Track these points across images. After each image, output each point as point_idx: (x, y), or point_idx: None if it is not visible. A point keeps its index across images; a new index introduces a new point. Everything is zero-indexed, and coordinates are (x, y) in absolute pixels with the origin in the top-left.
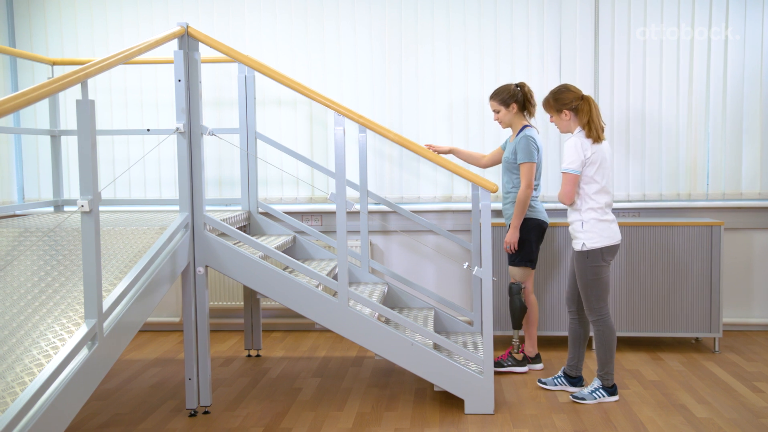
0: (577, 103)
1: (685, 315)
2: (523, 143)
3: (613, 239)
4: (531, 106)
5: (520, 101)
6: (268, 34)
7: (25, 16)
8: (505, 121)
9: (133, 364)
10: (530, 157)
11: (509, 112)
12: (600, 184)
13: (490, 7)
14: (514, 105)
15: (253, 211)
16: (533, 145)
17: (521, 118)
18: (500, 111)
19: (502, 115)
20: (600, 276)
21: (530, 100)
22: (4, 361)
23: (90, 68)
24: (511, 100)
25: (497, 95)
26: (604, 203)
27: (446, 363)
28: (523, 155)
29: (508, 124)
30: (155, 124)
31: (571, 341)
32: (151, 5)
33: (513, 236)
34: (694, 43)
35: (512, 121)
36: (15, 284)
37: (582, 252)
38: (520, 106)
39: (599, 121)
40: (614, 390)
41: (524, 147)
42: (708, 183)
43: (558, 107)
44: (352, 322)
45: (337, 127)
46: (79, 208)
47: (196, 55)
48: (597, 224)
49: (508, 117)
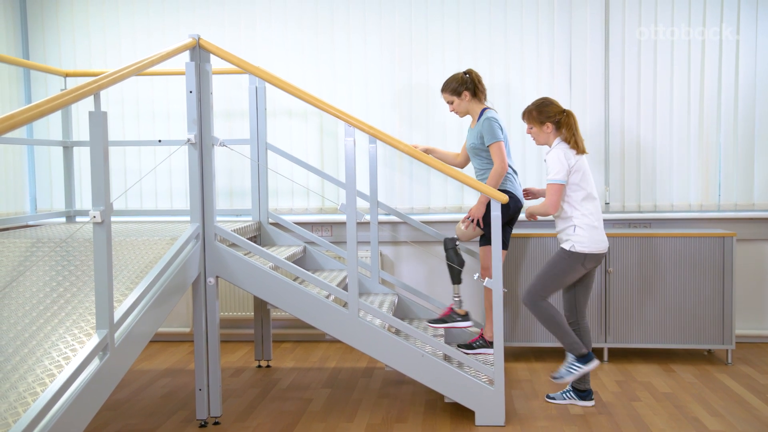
0: (560, 116)
1: (698, 327)
2: (486, 125)
3: (600, 247)
4: (480, 91)
5: (471, 88)
6: (278, 43)
7: (39, 28)
8: (460, 110)
9: (144, 374)
10: (497, 137)
11: (462, 100)
12: (586, 190)
13: (499, 17)
14: (465, 93)
15: (264, 222)
16: (497, 125)
17: (477, 103)
18: (453, 101)
19: (456, 105)
20: (565, 276)
21: (478, 86)
22: (16, 372)
23: (103, 80)
24: (461, 88)
25: (447, 86)
26: (593, 209)
27: (457, 374)
28: (490, 136)
29: (465, 112)
30: (166, 135)
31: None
32: (163, 16)
33: (479, 210)
34: (706, 51)
35: (469, 109)
36: (27, 294)
37: (567, 250)
38: (472, 92)
39: (581, 134)
40: (588, 395)
41: (488, 128)
42: (720, 193)
43: (542, 119)
44: (362, 332)
45: (347, 138)
46: (91, 218)
47: (208, 66)
48: (589, 230)
49: (463, 105)
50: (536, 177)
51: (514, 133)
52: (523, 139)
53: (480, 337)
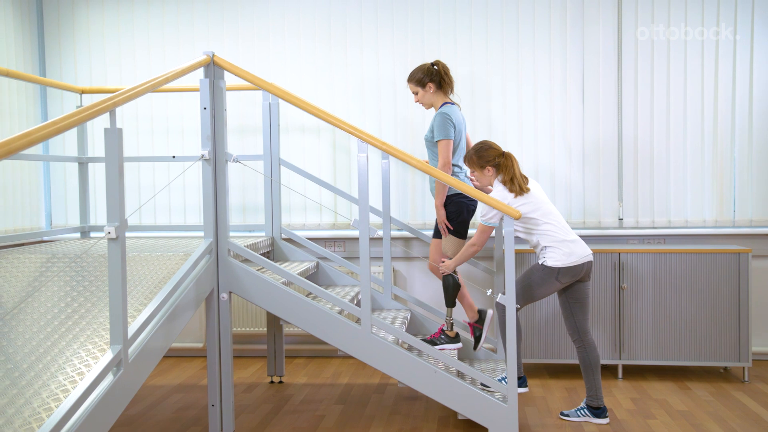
0: (499, 159)
1: (713, 344)
2: (438, 120)
3: (572, 260)
4: (446, 83)
5: (436, 80)
6: (292, 57)
7: (56, 46)
8: (425, 101)
9: (157, 389)
10: (446, 135)
11: (427, 91)
12: (539, 215)
13: (512, 32)
14: (430, 84)
15: (277, 237)
16: (449, 122)
17: (441, 96)
18: (418, 92)
19: (420, 96)
20: (539, 288)
21: (444, 78)
22: (31, 387)
23: (118, 97)
24: (426, 79)
25: (412, 77)
26: (554, 226)
27: (470, 391)
28: (438, 132)
29: (429, 104)
30: (180, 150)
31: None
32: (178, 30)
33: (440, 216)
34: (720, 65)
35: (432, 101)
36: (42, 309)
37: (541, 265)
38: (437, 84)
39: (521, 174)
40: (602, 413)
41: (439, 124)
42: (735, 209)
43: (481, 164)
44: (374, 348)
45: (360, 153)
46: (106, 234)
47: (222, 83)
48: (559, 244)
49: (427, 97)
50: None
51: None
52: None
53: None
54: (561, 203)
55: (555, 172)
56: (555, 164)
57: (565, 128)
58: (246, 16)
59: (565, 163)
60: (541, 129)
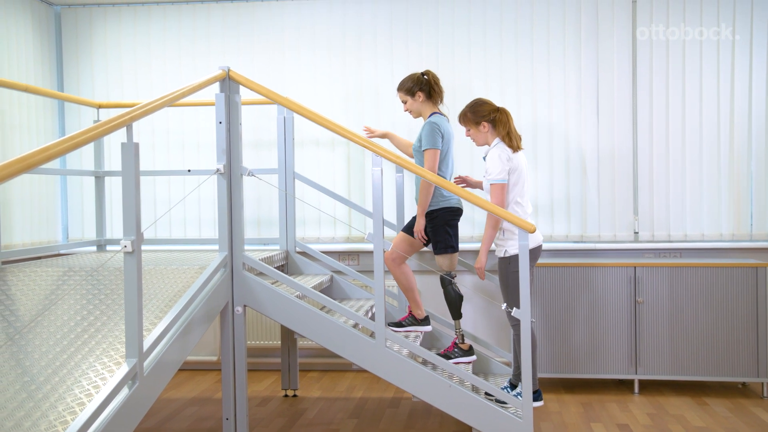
0: (494, 114)
1: (731, 359)
2: (427, 129)
3: (533, 243)
4: (436, 93)
5: (426, 89)
6: (306, 71)
7: (74, 61)
8: (414, 110)
9: (172, 403)
10: (433, 144)
11: (416, 100)
12: (519, 190)
13: (526, 45)
14: (419, 93)
15: (291, 251)
16: (437, 132)
17: (430, 105)
18: (407, 101)
19: (409, 104)
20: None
21: (434, 87)
22: (47, 400)
23: (135, 112)
24: (416, 88)
25: (402, 86)
26: (522, 211)
27: (484, 405)
28: (426, 141)
29: (418, 114)
30: (196, 164)
31: (516, 353)
32: (194, 44)
33: (419, 225)
34: (735, 78)
35: (421, 110)
36: (58, 323)
37: (504, 258)
38: (427, 93)
39: (516, 131)
40: (538, 395)
41: (427, 133)
42: (752, 223)
43: (476, 119)
44: (389, 362)
45: (374, 167)
46: (122, 248)
47: (237, 97)
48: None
49: (416, 106)
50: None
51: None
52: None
53: (409, 314)
54: (576, 216)
55: (570, 185)
56: (570, 177)
57: (579, 141)
58: (261, 29)
59: (580, 175)
60: (555, 142)
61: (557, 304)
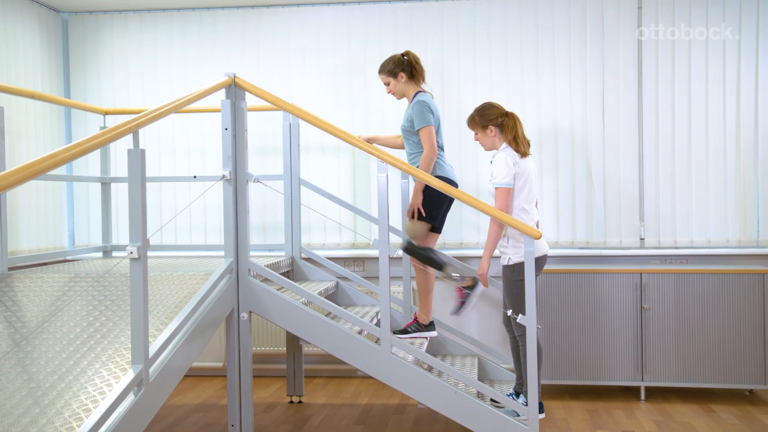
0: (502, 119)
1: (738, 366)
2: (417, 109)
3: (538, 252)
4: (418, 72)
5: (408, 69)
6: (311, 76)
7: (80, 67)
8: (397, 91)
9: (177, 409)
10: (426, 121)
11: (399, 81)
12: (525, 196)
13: (531, 50)
14: (402, 74)
15: (297, 257)
16: (426, 109)
17: (413, 85)
18: (390, 83)
19: (392, 86)
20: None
21: (416, 67)
22: (53, 406)
23: (141, 119)
24: (398, 69)
25: (383, 67)
26: (528, 218)
27: (490, 412)
28: (419, 120)
29: (402, 95)
30: (201, 171)
31: (516, 360)
32: (200, 50)
33: (416, 199)
34: (741, 83)
35: (405, 91)
36: (65, 329)
37: (508, 266)
38: (408, 74)
39: (524, 136)
40: (540, 407)
41: (418, 112)
42: (759, 229)
43: (483, 123)
44: (394, 369)
45: (380, 173)
46: (129, 254)
47: (243, 104)
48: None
49: (399, 87)
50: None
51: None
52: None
53: (414, 320)
54: (581, 222)
55: (576, 191)
56: (576, 183)
57: (584, 147)
58: (267, 35)
59: (586, 181)
60: (561, 148)
61: (563, 311)
